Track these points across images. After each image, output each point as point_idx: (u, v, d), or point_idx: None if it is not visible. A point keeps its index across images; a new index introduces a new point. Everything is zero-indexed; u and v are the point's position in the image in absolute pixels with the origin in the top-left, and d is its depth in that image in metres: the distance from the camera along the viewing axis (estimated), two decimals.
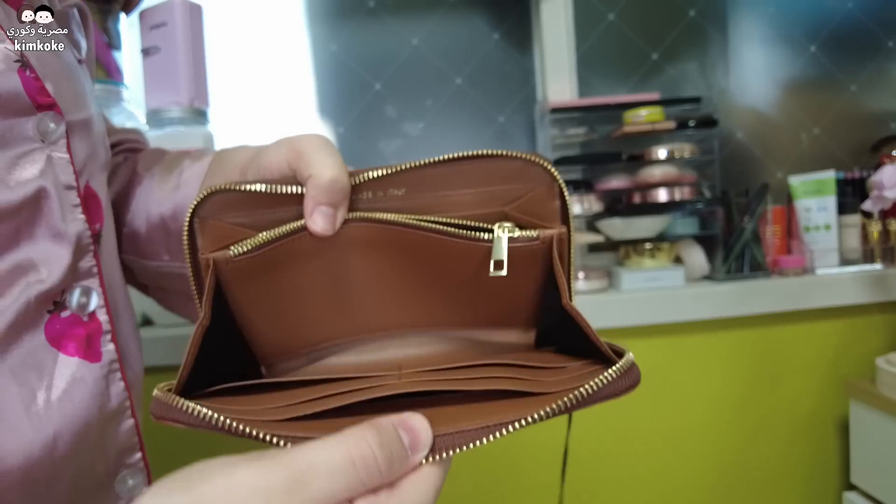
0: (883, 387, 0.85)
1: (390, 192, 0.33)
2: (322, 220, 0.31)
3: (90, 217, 0.35)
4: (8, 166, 0.30)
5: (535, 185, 0.33)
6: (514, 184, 0.33)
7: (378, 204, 0.33)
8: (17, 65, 0.31)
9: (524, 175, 0.33)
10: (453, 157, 0.32)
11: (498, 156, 0.32)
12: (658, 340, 0.95)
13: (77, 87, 0.36)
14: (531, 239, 0.31)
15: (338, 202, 0.31)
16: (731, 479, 0.99)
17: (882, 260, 1.00)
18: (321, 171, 0.31)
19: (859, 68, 1.19)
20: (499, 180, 0.33)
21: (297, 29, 1.15)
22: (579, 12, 1.15)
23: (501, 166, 0.32)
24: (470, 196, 0.33)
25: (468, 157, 0.32)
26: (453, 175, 0.33)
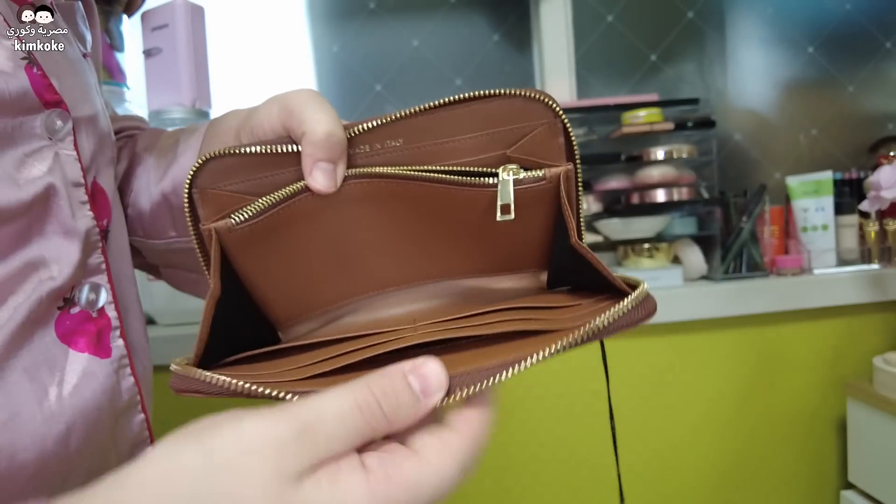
0: (880, 386, 0.86)
1: (388, 144, 0.32)
2: (322, 176, 0.31)
3: (98, 213, 0.35)
4: (17, 164, 0.30)
5: (537, 124, 0.31)
6: (514, 124, 0.31)
7: (376, 157, 0.32)
8: (25, 62, 0.31)
9: (525, 114, 0.31)
10: (450, 101, 0.31)
11: (495, 95, 0.31)
12: (656, 340, 0.96)
13: (82, 82, 0.36)
14: (537, 179, 0.30)
15: (336, 157, 0.31)
16: (729, 478, 0.99)
17: (879, 260, 1.01)
18: (315, 127, 0.30)
19: (857, 69, 1.20)
20: (499, 122, 0.31)
21: (298, 30, 1.16)
22: (578, 14, 1.16)
23: (500, 107, 0.31)
24: (470, 141, 0.32)
25: (465, 99, 0.31)
26: (451, 121, 0.31)
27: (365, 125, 0.31)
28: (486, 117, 0.31)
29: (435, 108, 0.31)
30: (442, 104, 0.31)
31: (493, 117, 0.31)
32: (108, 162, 0.39)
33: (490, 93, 0.31)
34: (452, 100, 0.31)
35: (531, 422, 0.95)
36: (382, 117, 0.31)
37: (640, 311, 0.26)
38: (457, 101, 0.31)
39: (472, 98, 0.31)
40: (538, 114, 0.31)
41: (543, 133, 0.31)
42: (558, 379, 0.95)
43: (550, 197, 0.31)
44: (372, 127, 0.31)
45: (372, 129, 0.31)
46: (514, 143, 0.32)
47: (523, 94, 0.31)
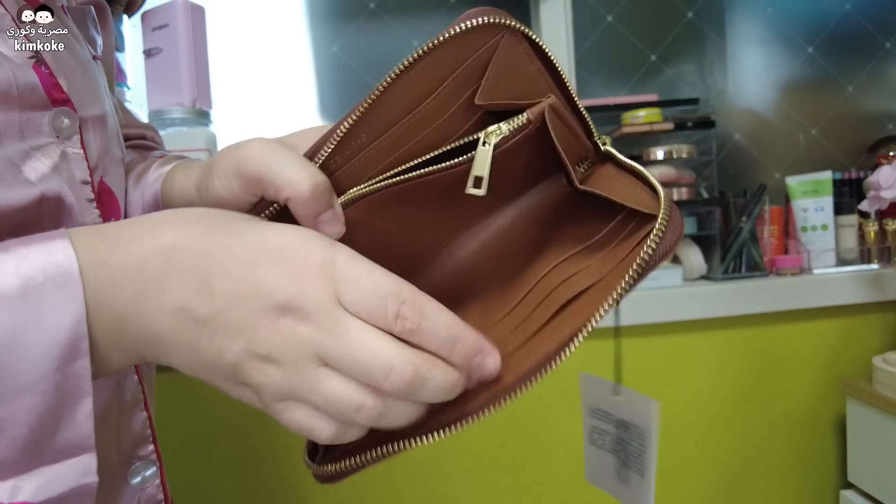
0: (879, 386, 0.86)
1: (354, 145, 0.30)
2: (329, 227, 0.30)
3: (104, 212, 0.35)
4: (23, 156, 0.30)
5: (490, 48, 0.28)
6: (466, 61, 0.28)
7: (351, 167, 0.30)
8: (33, 61, 0.31)
9: (481, 41, 0.28)
10: (391, 79, 0.28)
11: (439, 45, 0.27)
12: (656, 340, 0.96)
13: (91, 83, 0.36)
14: (522, 127, 0.28)
15: (329, 201, 0.30)
16: (728, 477, 0.99)
17: (879, 260, 1.01)
18: (298, 188, 0.29)
19: (857, 69, 1.20)
20: (451, 68, 0.28)
21: (298, 30, 1.16)
22: (578, 14, 1.16)
23: (445, 54, 0.27)
24: (434, 103, 0.29)
25: (405, 68, 0.28)
26: (406, 94, 0.28)
27: (329, 145, 0.30)
28: (436, 71, 0.28)
29: (383, 90, 0.28)
30: (388, 83, 0.28)
31: (446, 64, 0.28)
32: (117, 162, 0.39)
33: (427, 47, 0.27)
34: (395, 74, 0.28)
35: (531, 421, 0.95)
36: (340, 127, 0.29)
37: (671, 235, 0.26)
38: (399, 73, 0.28)
39: (411, 63, 0.28)
40: (492, 34, 0.28)
41: (510, 55, 0.28)
42: (558, 378, 0.95)
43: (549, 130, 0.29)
44: (336, 143, 0.30)
45: (338, 145, 0.30)
46: (478, 81, 0.28)
47: (458, 28, 0.27)
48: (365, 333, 0.24)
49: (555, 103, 0.28)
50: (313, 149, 0.30)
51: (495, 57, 0.28)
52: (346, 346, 0.24)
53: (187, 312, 0.25)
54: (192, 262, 0.25)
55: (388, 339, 0.24)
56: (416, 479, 0.95)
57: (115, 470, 0.36)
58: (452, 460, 0.95)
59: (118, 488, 0.36)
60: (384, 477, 0.94)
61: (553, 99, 0.28)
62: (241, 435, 0.92)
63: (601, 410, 0.46)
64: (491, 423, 0.95)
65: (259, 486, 0.93)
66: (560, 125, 0.28)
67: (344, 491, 0.94)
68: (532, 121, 0.28)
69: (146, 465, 0.38)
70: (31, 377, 0.23)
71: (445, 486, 0.95)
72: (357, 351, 0.24)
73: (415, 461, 0.94)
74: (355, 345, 0.24)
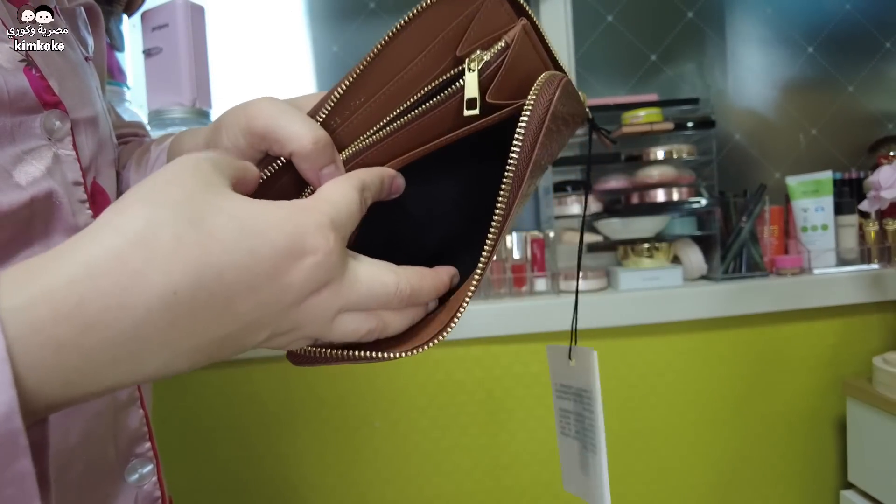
0: (880, 386, 0.86)
1: (352, 105, 0.32)
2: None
3: (97, 212, 0.35)
4: (15, 161, 0.31)
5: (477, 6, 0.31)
6: (455, 19, 0.31)
7: (349, 125, 0.32)
8: (23, 64, 0.31)
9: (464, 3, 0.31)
10: (386, 41, 0.31)
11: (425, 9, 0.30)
12: (656, 340, 0.96)
13: (82, 85, 0.36)
14: (502, 50, 0.30)
15: (332, 155, 0.31)
16: (728, 477, 0.99)
17: (879, 260, 1.01)
18: (300, 142, 0.30)
19: (857, 69, 1.20)
20: (441, 26, 0.31)
21: (298, 30, 1.16)
22: (578, 13, 1.16)
23: (436, 13, 0.30)
24: (424, 60, 0.31)
25: (400, 28, 0.30)
26: (398, 53, 0.31)
27: (329, 103, 0.32)
28: (427, 30, 0.31)
29: (378, 52, 0.31)
30: (383, 45, 0.31)
31: (433, 26, 0.31)
32: (109, 163, 0.39)
33: (417, 9, 0.30)
34: (390, 35, 0.30)
35: (531, 421, 0.95)
36: (338, 88, 0.31)
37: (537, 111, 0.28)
38: (394, 33, 0.30)
39: (406, 22, 0.30)
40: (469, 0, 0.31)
41: (488, 9, 0.31)
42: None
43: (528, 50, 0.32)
44: (334, 103, 0.32)
45: (336, 105, 0.32)
46: (464, 32, 0.31)
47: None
48: (368, 268, 0.28)
49: (527, 25, 0.31)
50: (314, 109, 0.32)
51: (476, 17, 0.30)
52: (363, 289, 0.27)
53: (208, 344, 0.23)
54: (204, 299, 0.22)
55: (383, 266, 0.29)
56: (417, 479, 0.95)
57: (112, 468, 0.36)
58: (452, 460, 0.95)
59: (115, 486, 0.36)
60: (384, 477, 0.94)
61: (526, 21, 0.31)
62: (241, 435, 0.92)
63: (563, 385, 0.45)
64: (491, 423, 0.95)
65: (259, 486, 0.93)
66: (527, 44, 0.31)
67: (344, 491, 0.94)
68: (510, 44, 0.30)
69: (143, 462, 0.38)
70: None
71: (445, 486, 0.95)
72: (372, 289, 0.28)
73: (415, 461, 0.94)
74: (370, 285, 0.28)
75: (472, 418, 0.94)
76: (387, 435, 0.94)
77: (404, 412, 0.94)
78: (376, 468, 0.94)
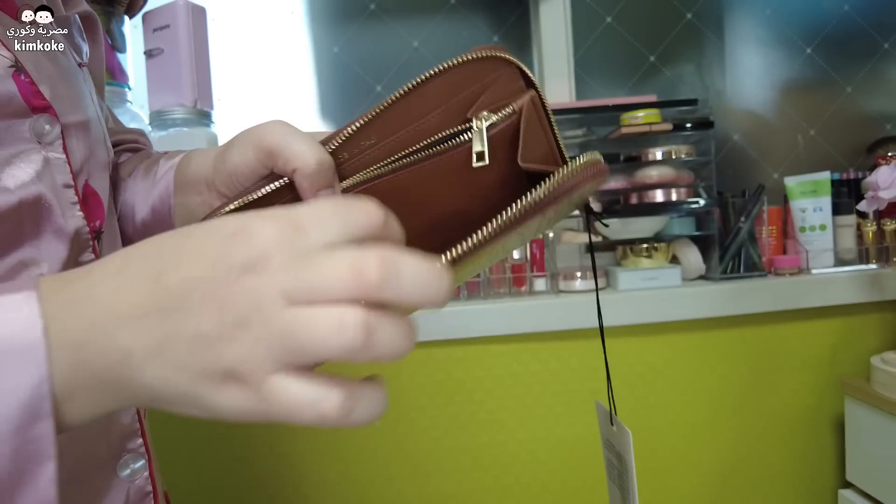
0: (878, 385, 0.86)
1: (363, 145, 0.33)
2: None
3: (89, 214, 0.36)
4: (2, 164, 0.31)
5: (494, 77, 0.33)
6: (474, 85, 0.33)
7: (356, 161, 0.34)
8: (12, 70, 0.32)
9: (482, 72, 0.32)
10: (409, 89, 0.32)
11: (451, 67, 0.32)
12: (655, 339, 0.96)
13: (74, 90, 0.37)
14: (509, 115, 0.31)
15: (332, 180, 0.33)
16: (727, 476, 0.99)
17: (877, 260, 1.01)
18: (305, 161, 0.32)
19: (855, 70, 1.20)
20: (460, 89, 0.33)
21: (298, 31, 1.16)
22: (577, 15, 1.16)
23: (458, 75, 0.32)
24: (439, 116, 0.33)
25: (422, 82, 0.32)
26: (416, 104, 0.32)
27: (341, 136, 0.33)
28: (449, 89, 0.32)
29: (398, 99, 0.32)
30: (403, 94, 0.32)
31: (456, 87, 0.32)
32: (102, 166, 0.40)
33: (445, 67, 0.32)
34: (412, 86, 0.32)
35: (531, 420, 0.95)
36: (352, 125, 0.33)
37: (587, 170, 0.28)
38: (416, 85, 0.32)
39: (430, 77, 0.32)
40: (494, 68, 0.32)
41: (504, 81, 0.32)
42: (557, 377, 0.95)
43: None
44: (348, 136, 0.33)
45: (347, 140, 0.33)
46: (479, 97, 0.33)
47: (476, 56, 0.32)
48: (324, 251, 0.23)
49: (535, 97, 0.32)
50: (326, 139, 0.34)
51: (493, 86, 0.32)
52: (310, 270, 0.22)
53: (145, 316, 0.23)
54: (139, 269, 0.24)
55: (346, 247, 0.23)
56: (416, 478, 0.95)
57: (104, 462, 0.37)
58: (453, 459, 0.95)
59: (107, 480, 0.37)
60: (384, 477, 0.95)
61: (535, 94, 0.32)
62: (242, 433, 0.92)
63: (608, 441, 0.48)
64: (491, 422, 0.95)
65: (259, 485, 0.93)
66: (535, 116, 0.32)
67: (345, 490, 0.94)
68: (517, 110, 0.31)
69: (135, 457, 0.38)
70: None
71: (446, 485, 0.95)
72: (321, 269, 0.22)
73: (415, 460, 0.95)
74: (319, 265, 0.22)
75: (472, 417, 0.95)
76: (387, 434, 0.94)
77: (405, 411, 0.94)
78: (377, 467, 0.94)
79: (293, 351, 0.22)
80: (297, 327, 0.21)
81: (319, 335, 0.21)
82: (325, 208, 0.24)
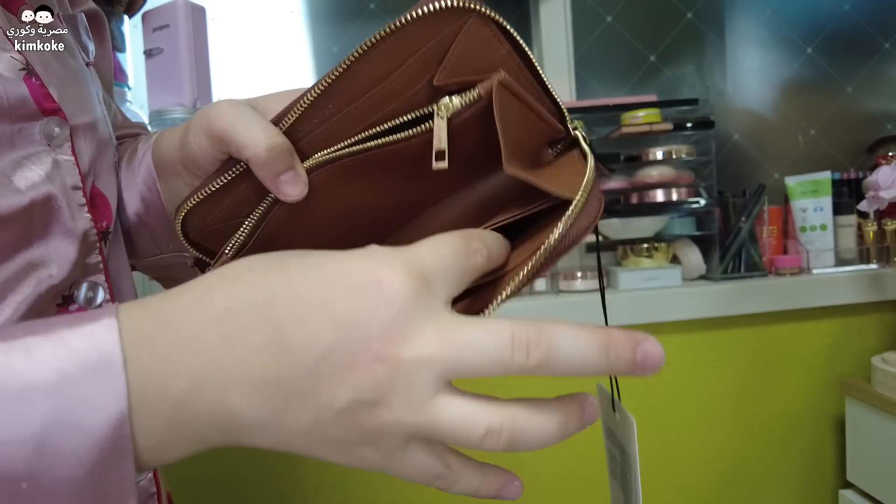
0: (878, 385, 0.86)
1: (322, 115, 0.30)
2: (290, 187, 0.31)
3: (96, 216, 0.36)
4: (14, 166, 0.31)
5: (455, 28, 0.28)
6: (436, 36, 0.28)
7: (318, 134, 0.31)
8: (24, 73, 0.32)
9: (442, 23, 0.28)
10: (358, 54, 0.28)
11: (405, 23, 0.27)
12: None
13: (82, 91, 0.37)
14: (473, 102, 0.28)
15: (289, 163, 0.31)
16: (728, 477, 0.99)
17: (878, 260, 1.01)
18: (255, 150, 0.30)
19: (856, 70, 1.20)
20: (419, 44, 0.28)
21: (298, 31, 1.16)
22: (578, 14, 1.16)
23: (413, 32, 0.28)
24: (398, 80, 0.29)
25: (370, 45, 0.28)
26: (371, 68, 0.28)
27: (293, 113, 0.30)
28: (403, 47, 0.28)
29: (350, 64, 0.29)
30: (355, 58, 0.28)
31: (410, 43, 0.28)
32: (109, 168, 0.40)
33: (393, 26, 0.27)
34: (363, 49, 0.28)
35: None
36: (307, 96, 0.30)
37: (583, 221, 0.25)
38: (367, 48, 0.28)
39: (380, 38, 0.28)
40: (451, 18, 0.28)
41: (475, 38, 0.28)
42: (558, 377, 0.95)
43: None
44: (301, 111, 0.30)
45: (303, 113, 0.30)
46: (441, 61, 0.28)
47: (423, 10, 0.27)
48: (469, 321, 0.23)
49: (505, 79, 0.27)
50: (279, 115, 0.31)
51: (458, 39, 0.28)
52: (468, 348, 0.22)
53: (263, 381, 0.21)
54: (253, 320, 0.22)
55: (497, 319, 0.23)
56: None
57: None
58: None
59: None
60: (384, 476, 0.94)
61: (503, 74, 0.27)
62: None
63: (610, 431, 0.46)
64: None
65: (261, 483, 0.93)
66: (514, 102, 0.28)
67: (345, 490, 0.94)
68: (483, 95, 0.28)
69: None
70: (67, 483, 0.20)
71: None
72: (480, 343, 0.22)
73: None
74: (476, 340, 0.22)
75: None
76: None
77: None
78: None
79: (433, 436, 0.22)
80: (444, 424, 0.22)
81: (463, 435, 0.22)
82: (445, 256, 0.23)
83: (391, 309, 0.21)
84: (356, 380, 0.21)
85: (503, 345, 0.22)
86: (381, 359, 0.21)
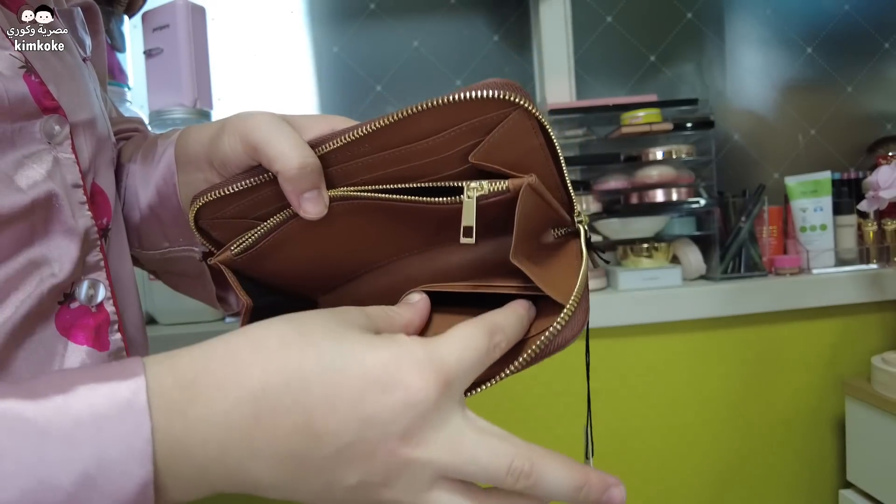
0: (878, 385, 0.86)
1: (357, 151, 0.32)
2: (311, 205, 0.32)
3: (97, 213, 0.36)
4: (15, 166, 0.31)
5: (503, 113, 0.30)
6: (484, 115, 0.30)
7: (346, 166, 0.33)
8: (23, 71, 0.32)
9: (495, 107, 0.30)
10: (413, 112, 0.30)
11: (458, 101, 0.29)
12: (655, 339, 0.96)
13: (80, 87, 0.37)
14: (501, 192, 0.31)
15: (316, 182, 0.32)
16: (728, 477, 0.99)
17: (878, 260, 1.01)
18: (286, 163, 0.31)
19: (855, 70, 1.20)
20: (468, 116, 0.30)
21: (298, 31, 1.16)
22: (578, 14, 1.16)
23: (466, 108, 0.30)
24: (437, 142, 0.31)
25: (427, 108, 0.30)
26: (418, 127, 0.30)
27: (335, 142, 0.32)
28: (453, 116, 0.30)
29: (401, 118, 0.30)
30: (408, 114, 0.30)
31: (454, 116, 0.30)
32: (108, 164, 0.40)
33: (447, 99, 0.29)
34: (419, 109, 0.30)
35: (530, 421, 0.95)
36: (347, 134, 0.31)
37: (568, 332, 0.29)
38: (423, 109, 0.30)
39: (430, 107, 0.30)
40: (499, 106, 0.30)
41: (516, 127, 0.30)
42: (557, 377, 0.95)
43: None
44: (339, 146, 0.32)
45: (339, 148, 0.32)
46: (480, 137, 0.31)
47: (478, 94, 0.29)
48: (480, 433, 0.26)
49: (535, 183, 0.31)
50: (319, 139, 0.32)
51: (503, 124, 0.30)
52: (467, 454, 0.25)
53: (288, 457, 0.24)
54: (288, 403, 0.24)
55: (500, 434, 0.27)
56: None
57: None
58: None
59: None
60: None
61: (534, 179, 0.31)
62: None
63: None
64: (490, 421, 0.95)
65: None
66: (534, 199, 0.31)
67: None
68: (511, 190, 0.31)
69: None
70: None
71: None
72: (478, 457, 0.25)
73: None
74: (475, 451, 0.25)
75: None
76: None
77: None
78: None
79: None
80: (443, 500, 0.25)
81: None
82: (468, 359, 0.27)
83: (413, 413, 0.24)
84: (370, 467, 0.24)
85: (500, 468, 0.25)
86: (396, 455, 0.24)
